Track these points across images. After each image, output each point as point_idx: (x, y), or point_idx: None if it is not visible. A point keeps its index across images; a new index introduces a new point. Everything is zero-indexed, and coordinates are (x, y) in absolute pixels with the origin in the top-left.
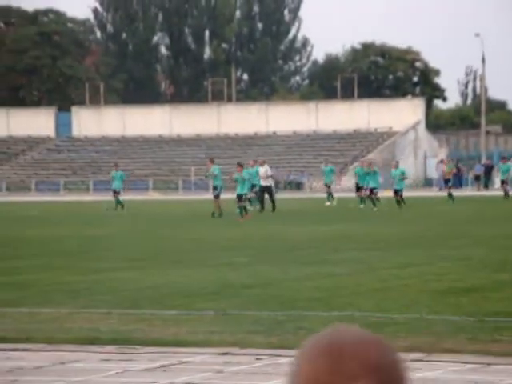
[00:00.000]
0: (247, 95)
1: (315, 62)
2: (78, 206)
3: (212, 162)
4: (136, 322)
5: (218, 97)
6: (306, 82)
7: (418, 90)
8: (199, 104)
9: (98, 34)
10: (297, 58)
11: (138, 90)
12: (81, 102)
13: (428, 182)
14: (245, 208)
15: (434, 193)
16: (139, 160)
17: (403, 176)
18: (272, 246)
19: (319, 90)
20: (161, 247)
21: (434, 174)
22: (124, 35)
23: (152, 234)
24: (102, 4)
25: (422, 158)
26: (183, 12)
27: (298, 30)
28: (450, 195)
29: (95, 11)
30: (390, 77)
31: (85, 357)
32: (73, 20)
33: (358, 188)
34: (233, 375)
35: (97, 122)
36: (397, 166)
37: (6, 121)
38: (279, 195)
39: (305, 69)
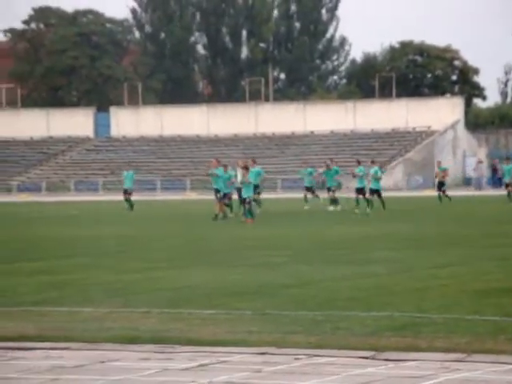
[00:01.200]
0: (284, 95)
1: (353, 61)
2: (116, 206)
3: (222, 164)
4: (175, 321)
5: (256, 96)
6: (344, 81)
7: (456, 88)
8: (237, 104)
9: (137, 34)
10: (334, 57)
11: (175, 90)
12: (119, 103)
13: (467, 181)
14: (250, 211)
15: (471, 192)
16: (177, 160)
17: (376, 176)
18: (309, 246)
19: (357, 89)
20: (198, 247)
21: (472, 173)
22: (162, 35)
23: (190, 234)
24: (140, 4)
25: (460, 157)
26: (220, 11)
27: (335, 29)
28: (439, 197)
29: (133, 11)
30: (429, 75)
31: (124, 356)
32: (111, 20)
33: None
34: (271, 375)
35: (135, 122)
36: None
37: (46, 121)
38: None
39: (342, 68)
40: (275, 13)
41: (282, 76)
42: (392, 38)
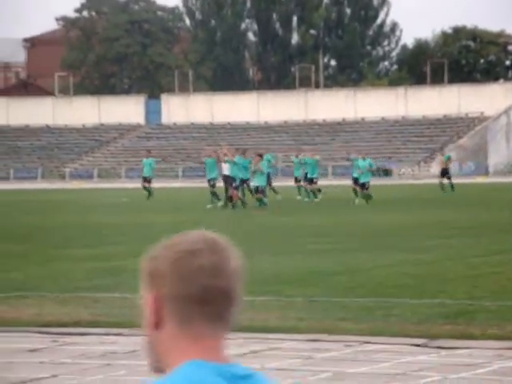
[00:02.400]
0: (335, 81)
1: (404, 47)
2: (167, 193)
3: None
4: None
5: (306, 83)
6: (395, 67)
7: (510, 74)
8: (287, 90)
9: (187, 21)
10: (385, 43)
11: (226, 77)
12: (170, 90)
13: None
14: (261, 200)
15: None
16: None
17: (371, 168)
18: (360, 233)
19: (408, 75)
20: (249, 234)
21: None
22: (213, 22)
23: (240, 221)
24: None
25: None
26: None
27: (386, 15)
28: (441, 184)
29: None
30: (481, 61)
31: None
32: (163, 8)
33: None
34: (322, 362)
35: (185, 109)
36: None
37: (98, 109)
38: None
39: (393, 54)
40: None
41: (333, 62)
42: (444, 24)
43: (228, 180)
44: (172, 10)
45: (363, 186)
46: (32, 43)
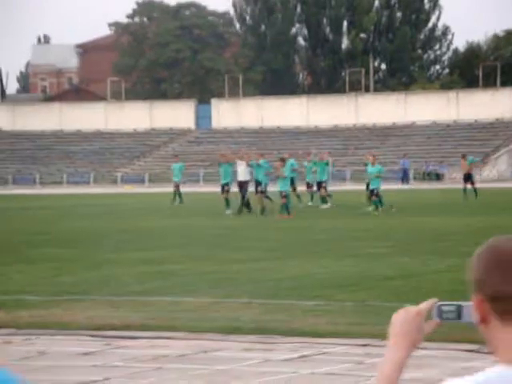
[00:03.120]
0: (385, 85)
1: (456, 51)
2: (217, 197)
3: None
4: (276, 312)
5: (356, 87)
6: (446, 70)
7: None
8: (336, 95)
9: (238, 26)
10: (437, 46)
11: (275, 82)
12: (220, 94)
13: None
14: (286, 206)
15: None
16: (276, 151)
17: (380, 174)
18: (412, 237)
19: (460, 78)
20: (298, 238)
21: None
22: (263, 27)
23: (288, 225)
24: None
25: None
26: (321, 3)
27: (438, 19)
28: (464, 190)
29: (235, 4)
30: None
31: (226, 346)
32: (213, 13)
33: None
34: (373, 367)
35: (235, 113)
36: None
37: (149, 114)
38: (416, 185)
39: (445, 57)
40: (376, 3)
41: (383, 66)
42: (496, 27)
43: (244, 186)
44: (222, 15)
45: (372, 192)
46: (84, 49)
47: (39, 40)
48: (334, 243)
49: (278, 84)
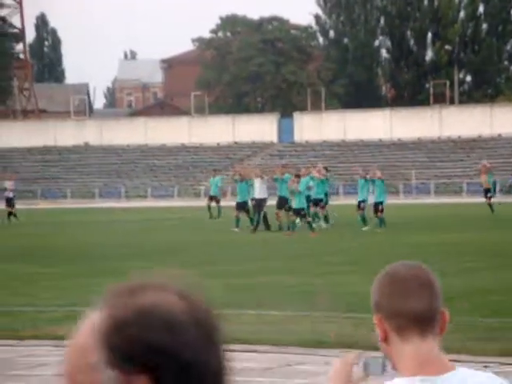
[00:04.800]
0: (470, 97)
1: None
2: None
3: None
4: (359, 326)
5: (440, 99)
6: None
7: None
8: (420, 107)
9: (320, 39)
10: None
11: (358, 94)
12: (302, 108)
13: None
14: (310, 224)
15: None
16: (358, 164)
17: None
18: (497, 252)
19: None
20: (381, 251)
21: None
22: (345, 40)
23: (374, 238)
24: (324, 10)
25: None
26: (405, 15)
27: None
28: (489, 205)
29: (317, 17)
30: None
31: (310, 360)
32: (296, 27)
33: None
34: None
35: (318, 127)
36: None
37: (232, 127)
38: (501, 199)
39: None
40: (461, 14)
41: (468, 78)
42: None
43: (261, 203)
44: (305, 28)
45: (376, 206)
46: (169, 64)
47: (126, 55)
48: (417, 257)
49: (361, 97)
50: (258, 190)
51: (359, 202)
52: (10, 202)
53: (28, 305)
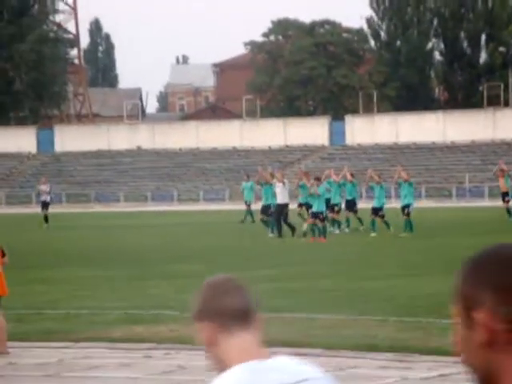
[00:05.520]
0: None
1: None
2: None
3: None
4: (413, 330)
5: (494, 102)
6: None
7: None
8: (474, 109)
9: (372, 42)
10: None
11: (410, 97)
12: (354, 111)
13: None
14: (324, 229)
15: None
16: (411, 167)
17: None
18: None
19: None
20: (435, 255)
21: None
22: (398, 42)
23: (425, 242)
24: (376, 13)
25: None
26: (459, 16)
27: None
28: (507, 210)
29: (369, 20)
30: None
31: (363, 363)
32: (347, 30)
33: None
34: None
35: (369, 129)
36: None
37: (284, 131)
38: None
39: None
40: None
41: None
42: None
43: (283, 209)
44: (357, 31)
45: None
46: (221, 68)
47: (178, 60)
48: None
49: (413, 99)
50: (280, 195)
51: (379, 209)
52: (45, 205)
53: (83, 307)
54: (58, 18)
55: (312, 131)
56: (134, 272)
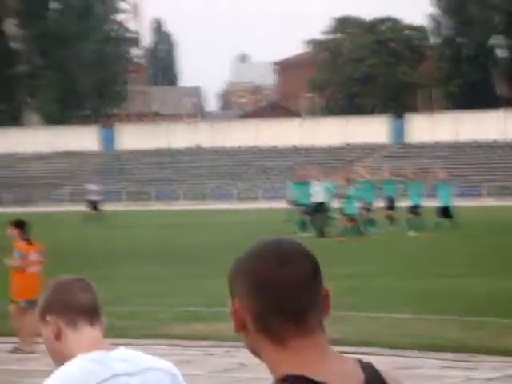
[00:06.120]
0: None
1: None
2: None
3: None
4: (477, 329)
5: None
6: None
7: None
8: None
9: (433, 39)
10: None
11: (472, 95)
12: (414, 109)
13: None
14: (356, 229)
15: None
16: (472, 166)
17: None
18: None
19: None
20: (499, 254)
21: None
22: (459, 39)
23: (487, 241)
24: (439, 9)
25: None
26: None
27: None
28: None
29: (431, 17)
30: None
31: (426, 363)
32: (409, 27)
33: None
34: None
35: (430, 128)
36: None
37: (344, 129)
38: None
39: None
40: None
41: None
42: None
43: (324, 208)
44: (418, 28)
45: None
46: (282, 66)
47: (239, 58)
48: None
49: (475, 97)
50: (316, 193)
51: (415, 206)
52: (94, 204)
53: (143, 304)
54: (120, 17)
55: (372, 129)
56: (194, 270)
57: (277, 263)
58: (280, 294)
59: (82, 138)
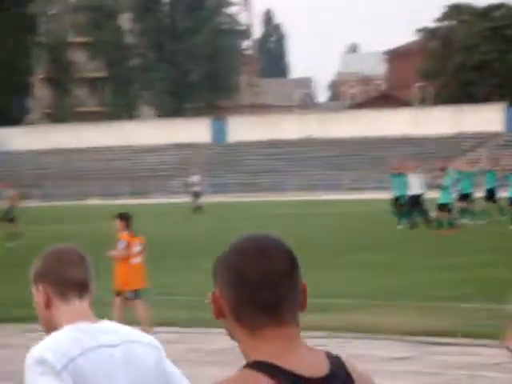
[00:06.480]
0: None
1: None
2: None
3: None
4: None
5: None
6: None
7: None
8: None
9: None
10: None
11: None
12: None
13: None
14: (451, 221)
15: None
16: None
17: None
18: None
19: None
20: None
21: None
22: None
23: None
24: None
25: None
26: None
27: None
28: None
29: None
30: None
31: None
32: None
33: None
34: None
35: None
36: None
37: (456, 118)
38: None
39: None
40: None
41: None
42: None
43: (417, 199)
44: None
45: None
46: (392, 56)
47: (349, 49)
48: None
49: None
50: (414, 185)
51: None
52: (196, 195)
53: None
54: (232, 9)
55: (486, 118)
56: (308, 260)
57: (255, 257)
58: (256, 287)
59: (195, 130)
